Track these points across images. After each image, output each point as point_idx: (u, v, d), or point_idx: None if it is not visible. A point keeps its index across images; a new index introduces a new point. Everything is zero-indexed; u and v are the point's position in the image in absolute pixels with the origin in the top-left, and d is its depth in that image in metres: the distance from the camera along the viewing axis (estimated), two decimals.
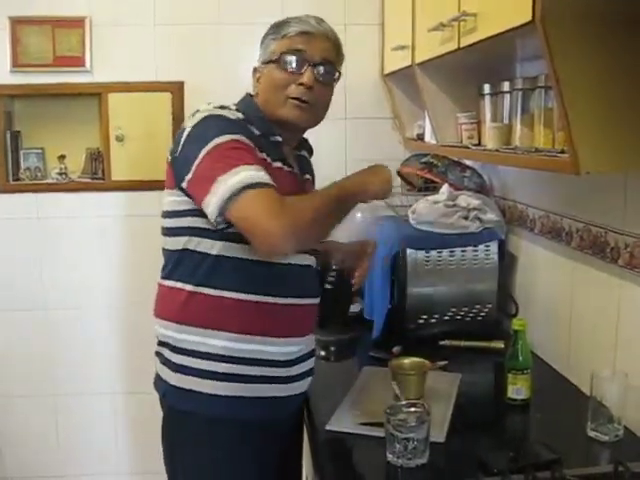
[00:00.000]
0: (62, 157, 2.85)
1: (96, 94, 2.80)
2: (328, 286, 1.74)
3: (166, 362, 1.62)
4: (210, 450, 1.60)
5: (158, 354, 1.66)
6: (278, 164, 1.60)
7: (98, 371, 3.00)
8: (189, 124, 1.58)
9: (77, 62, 2.76)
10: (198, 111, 1.61)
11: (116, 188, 2.86)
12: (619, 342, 1.71)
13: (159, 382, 1.67)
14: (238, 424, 1.59)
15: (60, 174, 2.85)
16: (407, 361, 1.83)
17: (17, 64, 2.75)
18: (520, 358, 1.76)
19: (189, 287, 1.58)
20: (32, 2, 2.72)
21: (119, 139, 2.82)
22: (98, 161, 2.87)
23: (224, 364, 1.56)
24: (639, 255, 1.62)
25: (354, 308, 2.51)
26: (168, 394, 1.64)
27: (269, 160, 1.57)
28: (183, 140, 1.56)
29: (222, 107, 1.59)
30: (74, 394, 3.01)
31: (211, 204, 1.44)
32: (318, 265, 1.73)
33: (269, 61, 1.64)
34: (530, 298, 2.22)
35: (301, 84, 1.60)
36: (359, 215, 2.51)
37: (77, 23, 2.73)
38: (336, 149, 2.26)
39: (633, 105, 1.34)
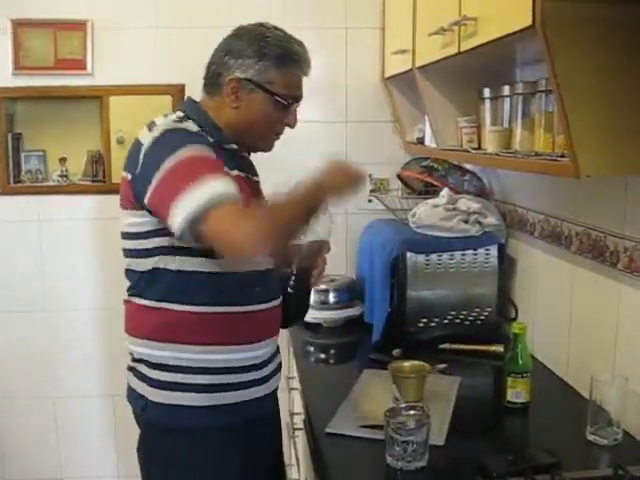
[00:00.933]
0: (63, 159, 2.86)
1: (97, 97, 2.80)
2: (290, 290, 1.77)
3: (144, 378, 1.65)
4: (199, 460, 1.60)
5: (132, 369, 1.70)
6: (235, 172, 1.59)
7: (97, 373, 3.00)
8: (147, 139, 1.52)
9: (78, 65, 2.77)
10: (154, 124, 1.57)
11: (117, 191, 2.84)
12: (618, 346, 1.71)
13: (136, 398, 1.68)
14: (224, 431, 1.61)
15: (61, 176, 2.86)
16: (407, 364, 1.83)
17: (19, 67, 2.75)
18: (520, 362, 1.76)
19: (158, 304, 1.61)
20: (34, 5, 2.72)
21: (120, 142, 2.82)
22: (99, 164, 2.87)
23: (201, 375, 1.58)
24: (638, 259, 1.62)
25: (355, 311, 2.52)
26: (149, 410, 1.64)
27: (227, 170, 1.53)
28: (142, 156, 1.51)
29: (179, 119, 1.57)
30: (74, 396, 3.01)
31: (178, 220, 1.38)
32: (278, 267, 1.74)
33: (265, 89, 1.59)
34: (530, 302, 2.22)
35: (287, 124, 1.65)
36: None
37: (79, 26, 2.74)
38: (336, 152, 2.25)
39: (633, 109, 1.35)
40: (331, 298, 2.52)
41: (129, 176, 1.57)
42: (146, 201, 1.50)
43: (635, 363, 1.63)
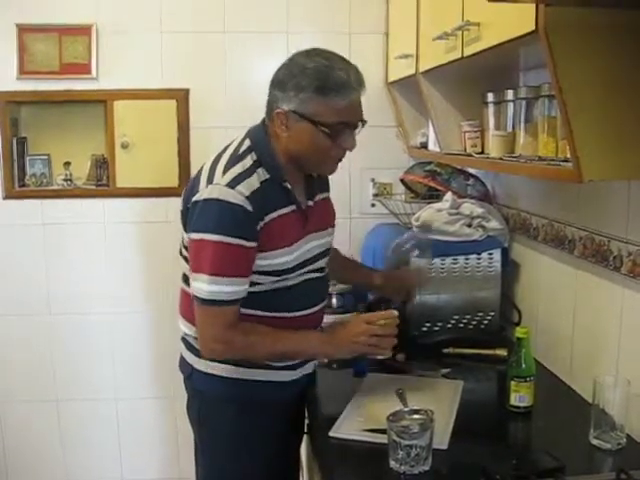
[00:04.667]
0: (67, 164, 2.87)
1: (102, 101, 2.81)
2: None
3: (191, 348, 1.80)
4: (231, 427, 1.78)
5: (183, 340, 1.84)
6: (283, 210, 1.68)
7: (101, 377, 3.01)
8: (202, 192, 1.62)
9: (83, 69, 2.78)
10: (215, 170, 1.64)
11: (121, 195, 2.87)
12: (622, 350, 1.71)
13: (184, 364, 1.85)
14: (255, 404, 1.77)
15: (65, 180, 2.87)
16: None
17: (24, 71, 2.76)
18: (523, 365, 1.76)
19: None
20: (39, 10, 2.73)
21: (124, 146, 2.83)
22: (103, 168, 2.88)
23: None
24: None
25: None
26: (193, 376, 1.81)
27: (276, 213, 1.65)
28: (195, 209, 1.63)
29: (236, 176, 1.61)
30: (77, 399, 3.02)
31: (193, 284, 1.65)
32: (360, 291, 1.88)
33: (309, 120, 1.61)
34: (533, 306, 2.22)
35: (346, 149, 1.68)
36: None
37: (83, 31, 2.75)
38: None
39: (636, 113, 1.35)
40: (334, 302, 2.51)
41: (182, 207, 1.72)
42: (186, 243, 1.71)
43: (638, 367, 1.63)
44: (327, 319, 2.39)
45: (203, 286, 1.61)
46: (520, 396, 1.76)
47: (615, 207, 1.73)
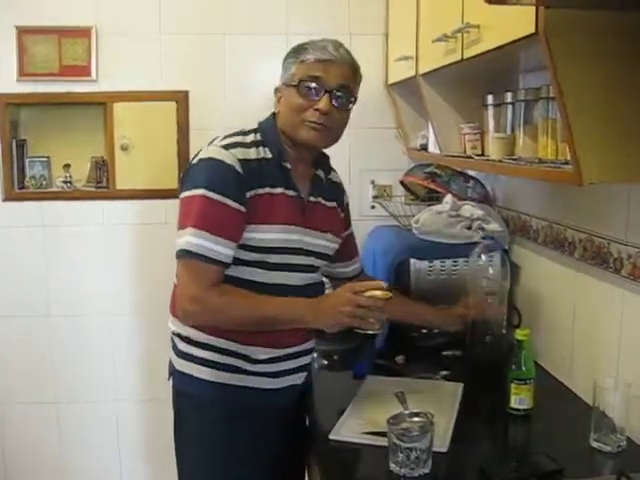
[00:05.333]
0: (67, 166, 2.86)
1: (101, 103, 2.81)
2: None
3: (174, 348, 1.82)
4: (206, 429, 1.78)
5: (171, 339, 1.85)
6: (280, 189, 1.71)
7: (101, 378, 3.01)
8: (196, 158, 1.70)
9: (83, 71, 2.77)
10: (210, 144, 1.73)
11: (120, 197, 2.87)
12: (622, 352, 1.71)
13: (170, 364, 1.87)
14: (229, 408, 1.75)
15: (65, 182, 2.86)
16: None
17: (23, 73, 2.76)
18: (523, 368, 1.76)
19: None
20: (38, 12, 2.73)
21: (124, 148, 2.83)
22: (103, 170, 2.87)
23: (209, 352, 1.73)
24: None
25: None
26: (175, 376, 1.84)
27: (267, 189, 1.68)
28: (189, 170, 1.71)
29: (233, 142, 1.69)
30: (77, 401, 3.01)
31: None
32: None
33: (289, 84, 1.71)
34: (533, 308, 2.22)
35: (317, 110, 1.68)
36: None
37: (83, 33, 2.75)
38: (339, 159, 2.26)
39: (636, 116, 1.35)
40: None
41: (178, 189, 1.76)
42: None
43: (639, 369, 1.63)
44: None
45: (185, 238, 1.61)
46: (520, 398, 1.76)
47: (615, 209, 1.73)
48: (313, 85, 1.67)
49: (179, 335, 1.79)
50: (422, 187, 2.63)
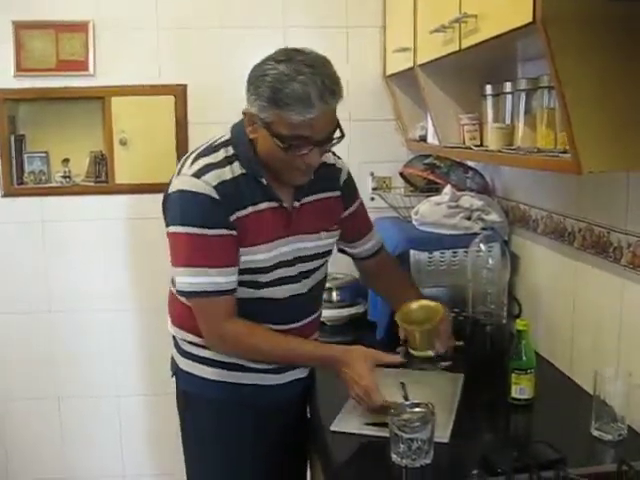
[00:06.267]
0: (66, 161, 2.86)
1: (99, 98, 2.80)
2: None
3: (177, 347, 1.83)
4: (210, 427, 1.79)
5: (173, 337, 1.85)
6: (264, 205, 1.64)
7: (102, 374, 3.01)
8: (171, 188, 1.64)
9: (80, 66, 2.77)
10: (187, 162, 1.64)
11: (119, 191, 2.87)
12: (622, 341, 1.71)
13: (172, 362, 1.88)
14: (234, 405, 1.77)
15: (64, 177, 2.86)
16: (415, 306, 1.80)
17: (21, 68, 2.76)
18: (524, 358, 1.76)
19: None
20: (35, 7, 2.72)
21: (122, 142, 2.83)
22: (102, 164, 2.87)
23: (227, 355, 1.73)
24: None
25: (358, 310, 2.52)
26: (178, 375, 1.85)
27: (250, 208, 1.62)
28: (166, 203, 1.69)
29: (205, 165, 1.60)
30: (77, 397, 3.02)
31: (176, 283, 1.67)
32: None
33: (266, 128, 1.54)
34: (533, 298, 2.22)
35: (308, 163, 1.57)
36: None
37: (80, 27, 2.74)
38: (338, 151, 2.26)
39: (635, 105, 1.35)
40: (334, 296, 2.52)
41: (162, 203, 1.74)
42: None
43: (639, 358, 1.63)
44: (327, 313, 2.40)
45: (182, 279, 1.62)
46: (521, 388, 1.77)
47: (614, 198, 1.73)
48: (301, 143, 1.52)
49: (182, 338, 1.80)
50: (421, 178, 2.63)
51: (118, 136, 2.82)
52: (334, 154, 1.86)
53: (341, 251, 1.99)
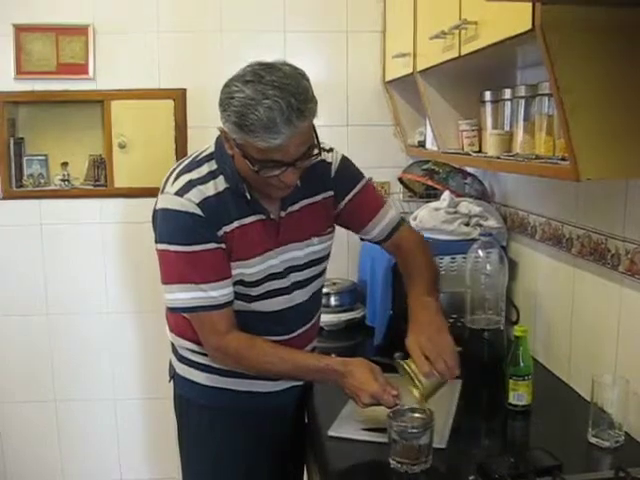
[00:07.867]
0: (65, 164, 2.87)
1: (99, 101, 2.81)
2: None
3: (175, 352, 1.84)
4: (204, 431, 1.80)
5: (171, 343, 1.86)
6: (251, 218, 1.62)
7: (100, 377, 3.01)
8: (156, 206, 1.64)
9: (80, 70, 2.78)
10: (170, 178, 1.64)
11: (118, 195, 2.87)
12: (620, 348, 1.71)
13: (170, 367, 1.89)
14: (230, 412, 1.78)
15: (63, 181, 2.87)
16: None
17: (21, 71, 2.76)
18: (521, 364, 1.76)
19: None
20: (36, 10, 2.73)
21: (122, 146, 2.83)
22: (101, 168, 2.88)
23: (206, 357, 1.74)
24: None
25: (356, 315, 2.52)
26: (175, 379, 1.86)
27: (236, 223, 1.60)
28: (153, 220, 1.66)
29: (188, 181, 1.58)
30: (76, 400, 3.02)
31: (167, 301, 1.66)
32: None
33: (240, 149, 1.49)
34: (531, 304, 2.22)
35: (284, 182, 1.51)
36: None
37: (81, 31, 2.75)
38: None
39: (633, 112, 1.35)
40: (332, 301, 2.52)
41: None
42: None
43: (637, 365, 1.63)
44: (325, 318, 2.39)
45: (175, 295, 1.61)
46: (518, 395, 1.76)
47: (612, 205, 1.73)
48: (273, 166, 1.47)
49: (180, 345, 1.80)
50: (420, 184, 2.63)
51: (117, 140, 2.83)
52: (324, 149, 1.72)
53: (361, 239, 1.94)
